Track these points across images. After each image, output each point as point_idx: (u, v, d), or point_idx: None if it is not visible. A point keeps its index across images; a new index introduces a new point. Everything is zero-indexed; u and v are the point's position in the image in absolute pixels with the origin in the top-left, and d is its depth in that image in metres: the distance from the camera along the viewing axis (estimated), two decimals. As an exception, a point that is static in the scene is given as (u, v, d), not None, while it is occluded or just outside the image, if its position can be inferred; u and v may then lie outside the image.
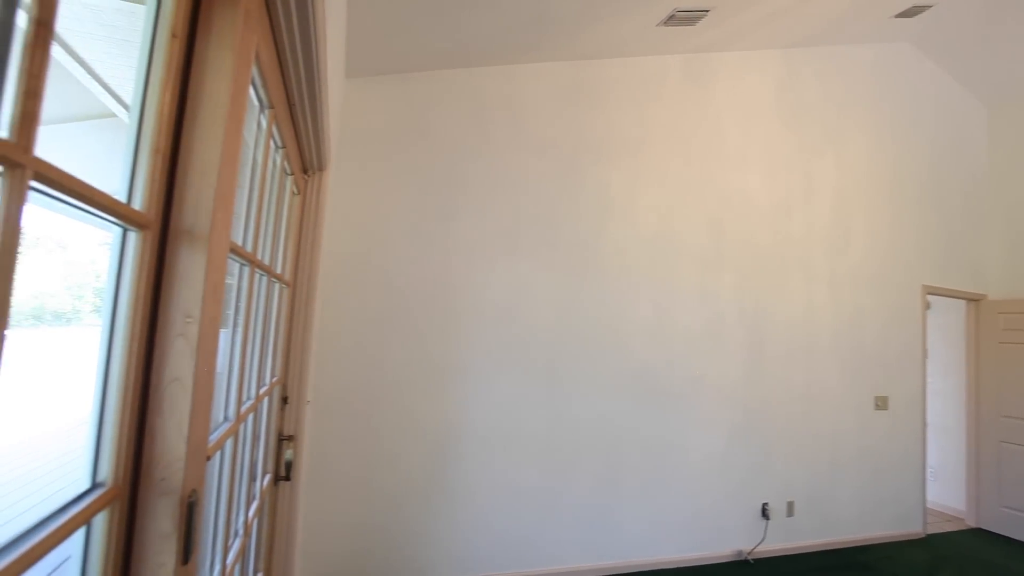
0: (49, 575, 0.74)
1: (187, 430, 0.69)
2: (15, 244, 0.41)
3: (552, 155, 3.15)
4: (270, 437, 1.66)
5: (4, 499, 3.23)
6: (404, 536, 2.80)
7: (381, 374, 2.81)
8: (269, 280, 1.39)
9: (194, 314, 0.69)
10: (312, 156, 1.76)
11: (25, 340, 2.26)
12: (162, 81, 0.70)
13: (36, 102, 0.43)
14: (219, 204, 0.74)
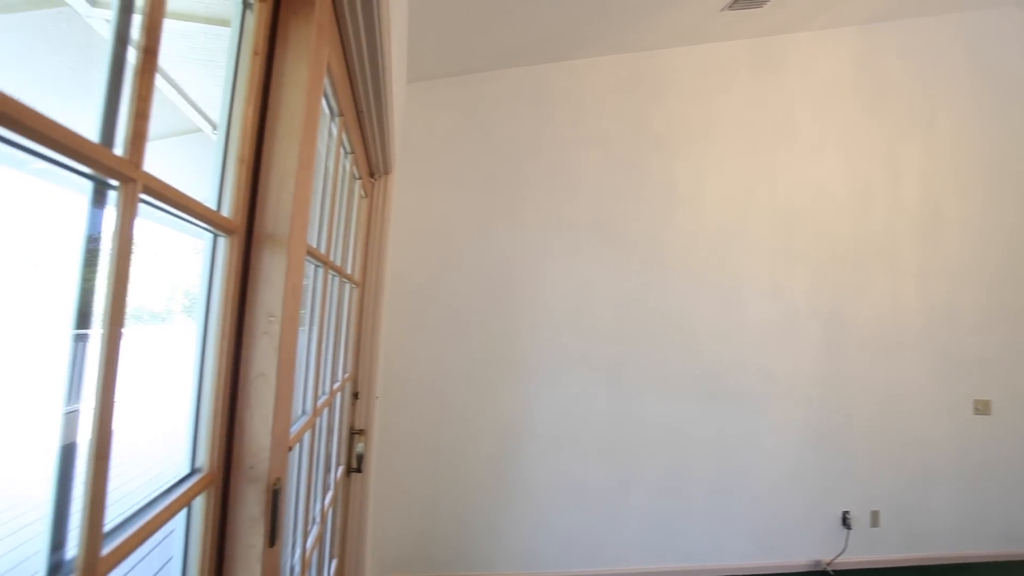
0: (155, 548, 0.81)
1: (271, 422, 0.74)
2: (128, 251, 0.45)
3: (614, 149, 3.10)
4: (343, 430, 1.74)
5: (126, 477, 3.59)
6: (469, 529, 2.86)
7: (446, 371, 2.88)
8: (341, 281, 1.45)
9: (276, 313, 0.73)
10: (378, 160, 1.82)
11: (128, 338, 2.48)
12: (246, 96, 0.75)
13: (144, 122, 0.47)
14: (297, 209, 0.78)
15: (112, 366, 0.45)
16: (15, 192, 1.53)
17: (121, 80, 0.48)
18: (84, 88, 1.67)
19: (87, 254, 0.46)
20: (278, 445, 0.77)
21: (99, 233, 0.47)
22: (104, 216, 0.49)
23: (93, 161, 0.41)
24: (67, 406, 0.46)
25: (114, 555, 0.47)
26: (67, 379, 0.46)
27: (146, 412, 4.84)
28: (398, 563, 2.81)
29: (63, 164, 0.40)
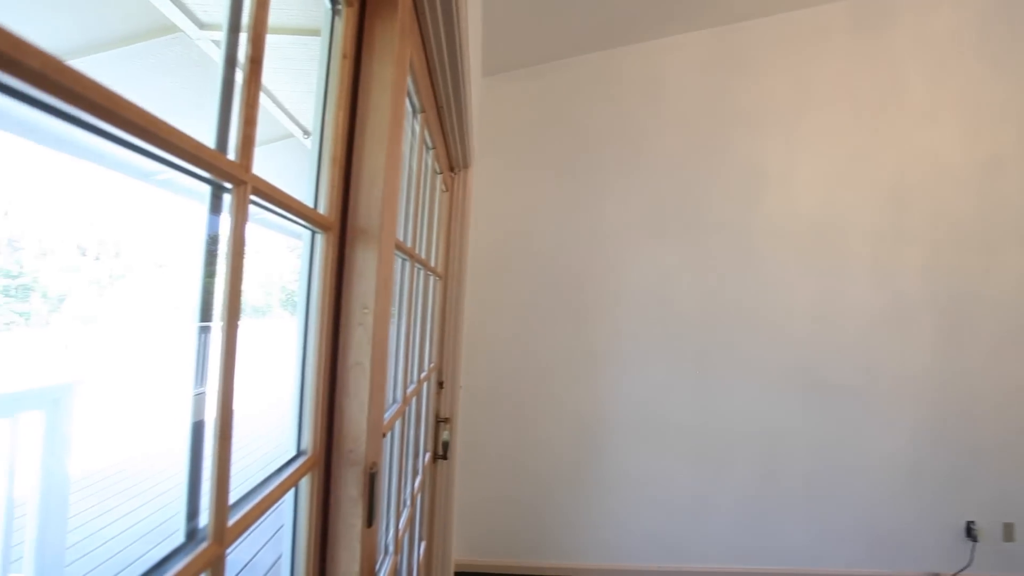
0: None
1: (367, 409, 0.78)
2: (242, 249, 0.49)
3: (695, 132, 2.95)
4: (429, 419, 1.80)
5: (245, 455, 3.97)
6: (552, 517, 2.88)
7: (529, 361, 2.90)
8: (425, 273, 1.50)
9: (369, 305, 0.77)
10: (458, 155, 1.86)
11: (242, 330, 2.78)
12: (337, 98, 0.79)
13: (253, 128, 0.51)
14: (386, 205, 0.81)
15: (231, 356, 0.49)
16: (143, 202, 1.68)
17: (232, 90, 0.52)
18: (197, 101, 1.84)
19: (207, 253, 0.50)
20: (373, 431, 0.81)
21: (216, 233, 0.51)
22: (217, 217, 0.53)
23: (211, 166, 0.44)
24: (195, 389, 0.50)
25: (238, 526, 0.52)
26: (194, 366, 0.51)
27: (257, 397, 5.29)
28: (482, 548, 2.89)
29: (187, 170, 0.44)
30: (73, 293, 17.47)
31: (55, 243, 18.67)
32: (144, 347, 5.63)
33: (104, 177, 16.76)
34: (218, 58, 0.54)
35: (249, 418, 5.15)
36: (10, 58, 0.26)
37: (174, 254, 23.58)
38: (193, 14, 2.25)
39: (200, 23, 2.30)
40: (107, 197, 18.67)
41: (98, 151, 3.22)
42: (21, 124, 2.33)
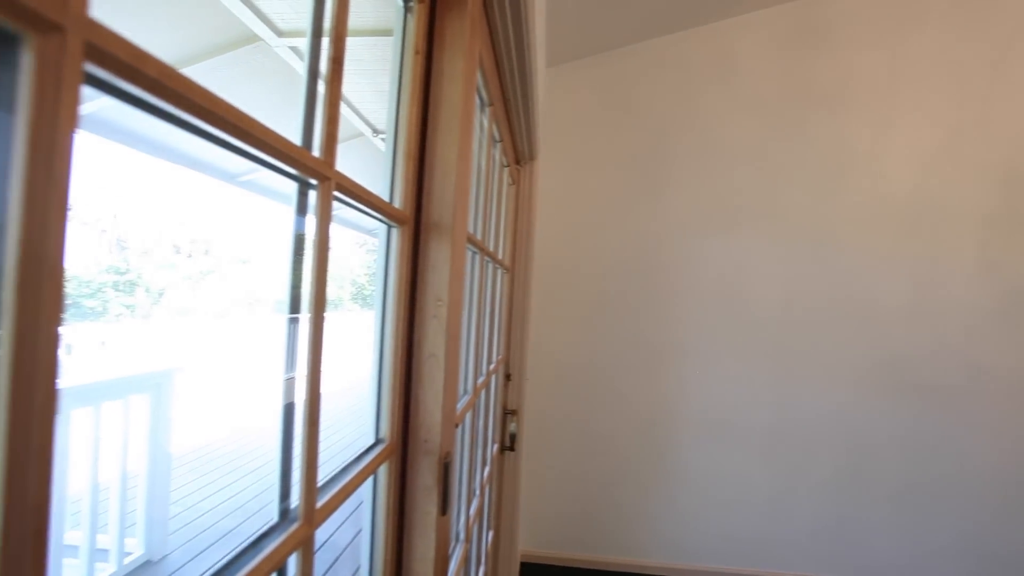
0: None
1: (442, 399, 0.79)
2: (327, 242, 0.50)
3: (772, 113, 2.78)
4: (496, 410, 1.82)
5: (330, 441, 4.22)
6: (619, 512, 2.84)
7: (595, 354, 2.86)
8: (493, 266, 1.51)
9: (443, 297, 0.78)
10: (524, 147, 1.85)
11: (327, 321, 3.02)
12: (410, 94, 0.80)
13: (335, 126, 0.52)
14: (458, 199, 0.82)
15: (318, 345, 0.51)
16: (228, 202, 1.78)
17: (315, 89, 0.53)
18: (279, 104, 1.94)
19: (294, 247, 0.52)
20: (447, 421, 0.83)
21: (302, 228, 0.53)
22: (303, 213, 0.55)
23: (299, 163, 0.46)
24: (283, 376, 0.53)
25: (325, 508, 0.54)
26: (282, 355, 0.53)
27: (334, 384, 5.55)
28: (548, 540, 2.89)
29: (277, 168, 0.46)
30: (170, 288, 19.07)
31: (154, 242, 20.44)
32: (232, 337, 6.06)
33: (194, 180, 17.96)
34: (300, 61, 0.56)
35: (328, 404, 5.44)
36: (132, 68, 0.28)
37: (256, 250, 25.09)
38: (272, 23, 2.38)
39: (279, 31, 2.43)
40: (197, 199, 20.12)
41: (190, 156, 3.47)
42: (127, 134, 2.56)
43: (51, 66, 0.24)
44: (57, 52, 0.24)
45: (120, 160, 10.64)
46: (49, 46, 0.24)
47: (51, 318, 0.25)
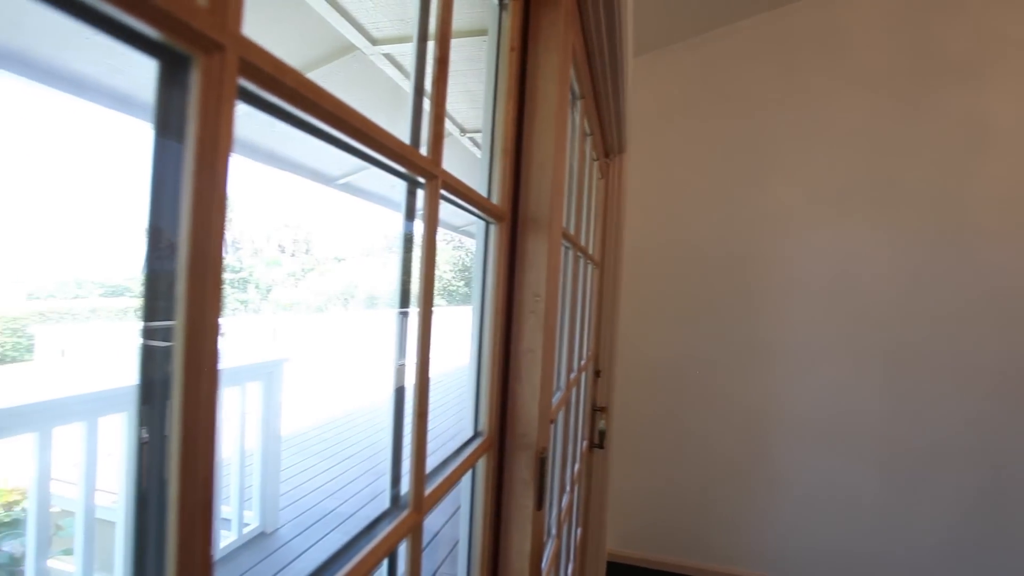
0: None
1: (539, 395, 0.79)
2: (434, 238, 0.52)
3: (888, 89, 2.51)
4: (586, 407, 1.81)
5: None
6: (711, 516, 2.72)
7: (688, 351, 2.75)
8: (584, 261, 1.49)
9: (541, 293, 0.78)
10: (614, 140, 1.82)
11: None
12: (506, 90, 0.81)
13: (442, 125, 0.54)
14: (554, 194, 0.81)
15: (426, 340, 0.52)
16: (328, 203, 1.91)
17: (422, 90, 0.55)
18: (376, 108, 2.04)
19: (403, 243, 0.54)
20: (543, 416, 0.83)
21: (411, 225, 0.55)
22: (412, 209, 0.57)
23: (410, 162, 0.48)
24: (395, 364, 0.55)
25: (432, 496, 0.56)
26: (395, 347, 0.55)
27: (440, 379, 5.77)
28: (636, 540, 2.83)
29: (389, 167, 0.47)
30: (276, 284, 20.73)
31: (262, 243, 22.30)
32: (331, 329, 6.49)
33: (297, 184, 19.36)
34: (392, 67, 0.58)
35: (437, 398, 5.68)
36: (274, 79, 0.30)
37: (352, 248, 26.51)
38: (367, 32, 2.50)
39: (373, 39, 2.54)
40: (299, 202, 21.68)
41: (293, 161, 3.72)
42: (240, 143, 2.79)
43: (214, 82, 0.26)
44: (218, 69, 0.26)
45: (232, 167, 11.73)
46: (212, 64, 0.26)
47: (213, 310, 0.27)
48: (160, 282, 0.27)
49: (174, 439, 0.26)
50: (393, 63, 2.56)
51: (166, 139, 0.27)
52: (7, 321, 12.10)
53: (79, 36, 2.04)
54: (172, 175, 0.26)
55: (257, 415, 2.86)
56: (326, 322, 6.54)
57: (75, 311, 14.77)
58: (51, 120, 41.71)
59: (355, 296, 17.52)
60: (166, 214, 0.27)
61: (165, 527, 0.26)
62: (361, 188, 3.87)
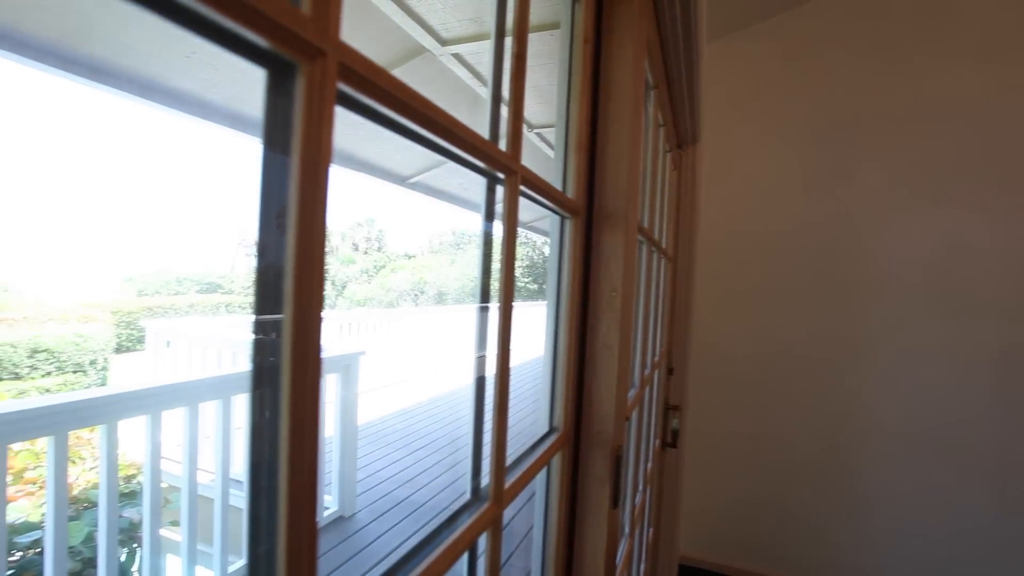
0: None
1: (615, 391, 0.78)
2: (515, 232, 0.52)
3: (1006, 59, 2.25)
4: (659, 405, 1.76)
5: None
6: (791, 524, 2.57)
7: (767, 348, 2.61)
8: (657, 255, 1.45)
9: (617, 288, 0.76)
10: (687, 130, 1.75)
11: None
12: (580, 83, 0.80)
13: (520, 121, 0.54)
14: (630, 187, 0.80)
15: (506, 335, 0.52)
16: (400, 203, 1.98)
17: (500, 88, 0.55)
18: (447, 108, 2.07)
19: (483, 239, 0.55)
20: (619, 413, 0.81)
21: (490, 223, 0.55)
22: (492, 205, 0.57)
23: (490, 158, 0.48)
24: (477, 353, 0.55)
25: (512, 489, 0.56)
26: (476, 341, 0.56)
27: (516, 373, 5.85)
28: (709, 545, 2.73)
29: (471, 164, 0.48)
30: (351, 281, 21.73)
31: (337, 241, 23.43)
32: (402, 324, 6.71)
33: (369, 184, 20.30)
34: (461, 67, 0.58)
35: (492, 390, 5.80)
36: (370, 82, 0.31)
37: (424, 245, 27.30)
38: (437, 33, 2.55)
39: (442, 40, 2.60)
40: (371, 201, 22.58)
41: (368, 162, 3.86)
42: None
43: (316, 87, 0.28)
44: (320, 75, 0.28)
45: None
46: (315, 70, 0.28)
47: (316, 303, 0.29)
48: (268, 279, 0.29)
49: (283, 419, 0.28)
50: (462, 63, 2.60)
51: (273, 143, 0.29)
52: (123, 315, 13.48)
53: (182, 55, 2.22)
54: (279, 178, 0.28)
55: (335, 405, 3.01)
56: (398, 317, 6.78)
57: (176, 306, 16.21)
58: (152, 134, 45.52)
59: (424, 292, 18.03)
60: (274, 215, 0.28)
61: (276, 497, 0.28)
62: (431, 187, 3.97)
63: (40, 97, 51.59)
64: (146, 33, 2.01)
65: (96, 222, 32.11)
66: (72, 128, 47.21)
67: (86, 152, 43.74)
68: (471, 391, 0.59)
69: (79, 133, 45.98)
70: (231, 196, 42.52)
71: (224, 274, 25.46)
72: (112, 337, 9.93)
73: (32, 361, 8.18)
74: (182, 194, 41.54)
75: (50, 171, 37.12)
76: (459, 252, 23.84)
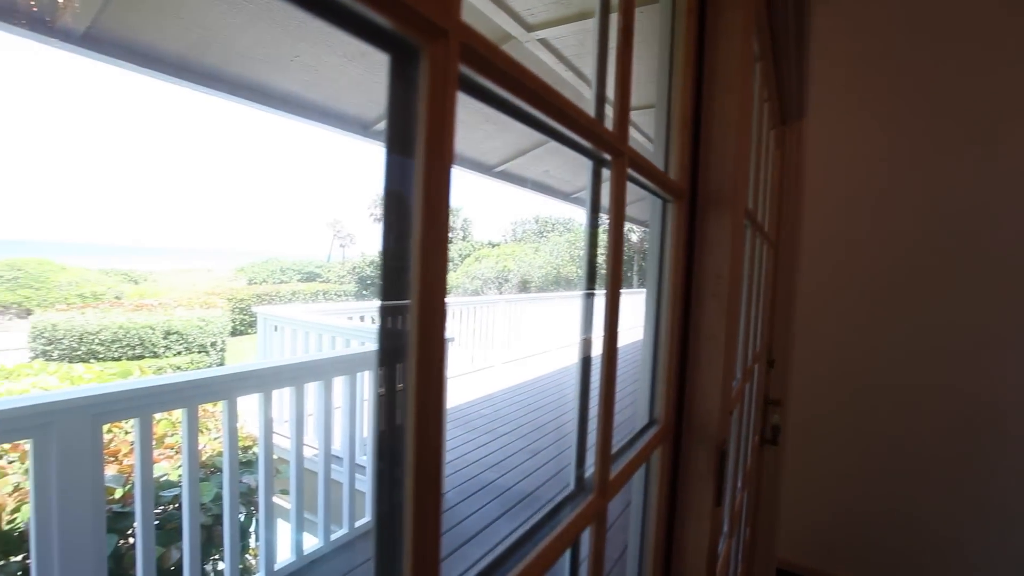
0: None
1: (720, 384, 0.74)
2: (622, 217, 0.50)
3: None
4: (757, 399, 1.66)
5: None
6: (909, 534, 2.34)
7: (879, 340, 2.36)
8: (760, 240, 1.36)
9: (723, 274, 0.72)
10: (792, 105, 1.61)
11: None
12: (683, 57, 0.75)
13: (628, 100, 0.51)
14: (738, 167, 0.74)
15: (613, 322, 0.51)
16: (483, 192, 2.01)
17: (605, 67, 0.53)
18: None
19: (589, 223, 0.53)
20: (724, 407, 0.77)
21: (595, 209, 0.53)
22: (596, 188, 0.55)
23: (599, 139, 0.46)
24: (582, 335, 0.54)
25: (616, 480, 0.55)
26: (581, 328, 0.55)
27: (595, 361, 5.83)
28: (810, 550, 2.55)
29: (579, 145, 0.46)
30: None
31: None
32: (487, 312, 6.84)
33: (456, 174, 21.37)
34: (547, 52, 0.56)
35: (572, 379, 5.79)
36: (488, 62, 0.31)
37: (508, 233, 27.65)
38: (522, 19, 2.53)
39: (528, 26, 2.58)
40: (457, 190, 23.28)
41: (456, 153, 3.98)
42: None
43: (439, 69, 0.27)
44: (443, 56, 0.27)
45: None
46: (437, 51, 0.27)
47: (440, 292, 0.29)
48: (394, 264, 0.29)
49: (410, 392, 0.28)
50: (548, 48, 2.57)
51: (396, 128, 0.29)
52: (237, 302, 14.91)
53: (287, 59, 2.37)
54: (404, 165, 0.28)
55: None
56: (483, 304, 6.91)
57: (281, 293, 17.62)
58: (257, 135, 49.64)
59: (508, 280, 18.23)
60: (400, 202, 0.28)
61: (403, 461, 0.28)
62: (515, 175, 3.99)
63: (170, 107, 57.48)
64: (255, 40, 2.17)
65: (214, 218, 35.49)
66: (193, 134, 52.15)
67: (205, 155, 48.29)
68: (561, 378, 0.58)
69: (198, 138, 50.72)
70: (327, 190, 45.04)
71: (321, 264, 27.32)
72: (228, 322, 11.00)
73: (166, 342, 9.26)
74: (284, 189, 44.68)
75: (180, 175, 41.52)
76: (542, 240, 23.83)
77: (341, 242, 40.99)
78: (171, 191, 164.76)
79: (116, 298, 14.99)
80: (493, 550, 0.44)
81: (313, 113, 2.85)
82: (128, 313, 9.42)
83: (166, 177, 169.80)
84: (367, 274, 22.70)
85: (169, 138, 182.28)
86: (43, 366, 3.44)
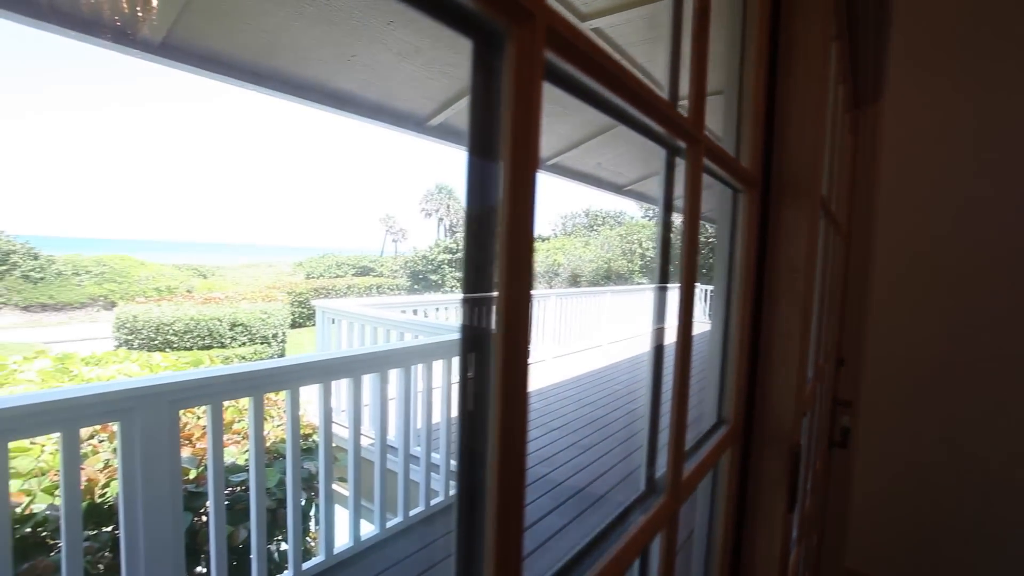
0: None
1: (794, 384, 0.70)
2: (698, 208, 0.48)
3: None
4: (826, 400, 1.57)
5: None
6: (983, 557, 2.16)
7: (960, 343, 2.18)
8: (833, 232, 1.28)
9: (799, 268, 0.68)
10: (867, 86, 1.51)
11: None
12: (755, 40, 0.71)
13: (704, 85, 0.49)
14: (814, 155, 0.70)
15: (688, 318, 0.49)
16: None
17: (679, 51, 0.51)
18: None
19: (663, 216, 0.51)
20: (798, 408, 0.73)
21: (674, 198, 0.51)
22: (671, 175, 0.53)
23: (675, 125, 0.44)
24: (655, 325, 0.52)
25: (688, 482, 0.53)
26: (653, 323, 0.53)
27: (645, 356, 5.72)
28: (880, 560, 2.40)
29: (655, 134, 0.45)
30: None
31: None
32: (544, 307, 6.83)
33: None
34: (601, 41, 0.54)
35: (638, 373, 5.71)
36: (572, 46, 0.30)
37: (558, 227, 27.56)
38: (576, 9, 2.49)
39: (582, 15, 2.53)
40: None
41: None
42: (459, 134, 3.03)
43: (525, 54, 0.26)
44: (529, 41, 0.26)
45: (453, 157, 13.50)
46: (524, 35, 0.26)
47: (526, 277, 0.28)
48: (480, 256, 0.28)
49: (495, 375, 0.28)
50: (602, 37, 2.52)
51: (479, 121, 0.28)
52: (296, 296, 15.57)
53: (344, 59, 2.43)
54: (487, 157, 0.27)
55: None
56: (534, 299, 6.90)
57: (337, 287, 18.24)
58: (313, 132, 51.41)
59: (558, 275, 18.12)
60: (486, 196, 0.28)
61: (486, 441, 0.28)
62: (568, 168, 3.95)
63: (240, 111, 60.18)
64: (317, 41, 2.24)
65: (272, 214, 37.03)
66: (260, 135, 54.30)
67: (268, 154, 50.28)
68: (612, 374, 0.56)
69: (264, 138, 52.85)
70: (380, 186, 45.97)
71: (375, 258, 28.06)
72: (288, 314, 11.50)
73: (232, 333, 9.78)
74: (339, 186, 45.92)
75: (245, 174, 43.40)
76: (592, 234, 23.53)
77: (393, 237, 41.99)
78: (236, 190, 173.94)
79: (188, 291, 15.99)
80: (544, 546, 0.43)
81: (368, 111, 2.91)
82: (198, 306, 10.01)
83: (232, 177, 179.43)
84: (419, 268, 23.12)
85: (236, 140, 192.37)
86: (126, 354, 3.70)
